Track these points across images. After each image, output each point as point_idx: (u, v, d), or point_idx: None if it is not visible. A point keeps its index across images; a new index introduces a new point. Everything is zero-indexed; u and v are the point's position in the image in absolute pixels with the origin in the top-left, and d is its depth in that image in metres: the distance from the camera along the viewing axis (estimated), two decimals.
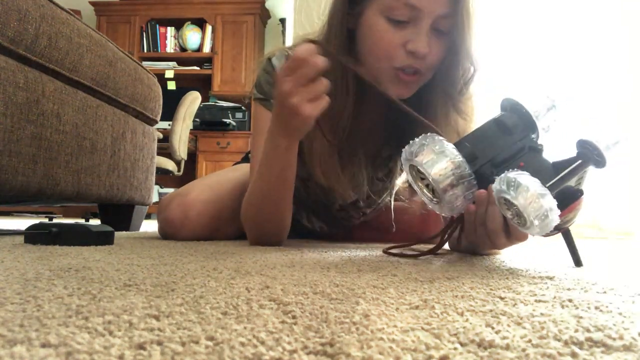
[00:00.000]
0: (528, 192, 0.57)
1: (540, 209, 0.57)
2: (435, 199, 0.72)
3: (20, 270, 0.51)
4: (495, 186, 0.62)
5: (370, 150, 1.05)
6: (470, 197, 0.69)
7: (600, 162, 0.63)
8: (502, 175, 0.61)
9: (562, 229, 0.66)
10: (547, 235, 0.67)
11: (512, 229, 0.67)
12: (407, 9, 0.81)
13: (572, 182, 0.64)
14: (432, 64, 0.86)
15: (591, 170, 0.66)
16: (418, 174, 0.72)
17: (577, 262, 0.68)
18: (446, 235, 0.80)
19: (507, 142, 0.68)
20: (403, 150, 0.71)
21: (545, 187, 0.59)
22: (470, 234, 0.73)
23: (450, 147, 0.67)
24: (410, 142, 0.70)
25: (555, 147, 0.71)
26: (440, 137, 0.69)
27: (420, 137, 0.69)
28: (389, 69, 0.86)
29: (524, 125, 0.69)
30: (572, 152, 0.67)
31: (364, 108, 0.97)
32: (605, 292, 0.47)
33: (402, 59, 0.84)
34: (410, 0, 0.80)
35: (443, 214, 0.75)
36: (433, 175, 0.66)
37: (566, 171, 0.63)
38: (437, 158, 0.67)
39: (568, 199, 0.62)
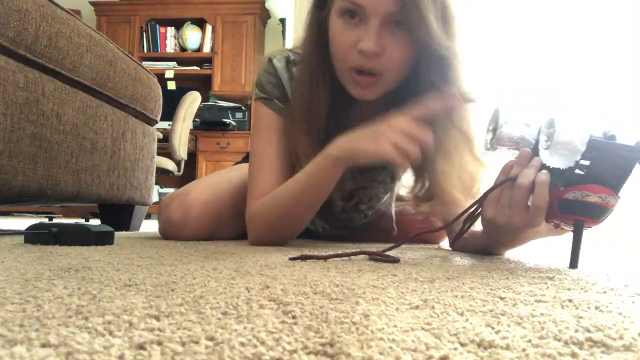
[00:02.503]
0: (574, 121, 0.62)
1: (571, 139, 0.62)
2: (488, 146, 0.76)
3: (20, 270, 0.51)
4: (558, 108, 0.67)
5: None
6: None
7: None
8: (571, 109, 0.64)
9: (578, 220, 0.65)
10: (560, 221, 0.67)
11: (533, 203, 0.67)
12: (355, 8, 0.81)
13: (614, 165, 0.63)
14: (391, 63, 0.84)
15: (637, 170, 0.65)
16: (494, 118, 0.76)
17: (573, 263, 0.67)
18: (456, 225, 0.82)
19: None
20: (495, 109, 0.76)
21: (592, 138, 0.62)
22: (490, 205, 0.73)
23: (536, 122, 0.72)
24: (518, 97, 0.77)
25: None
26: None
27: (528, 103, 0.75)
28: (346, 70, 0.86)
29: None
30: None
31: (352, 111, 0.97)
32: (605, 292, 0.47)
33: (354, 60, 0.83)
34: (355, 0, 0.80)
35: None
36: (503, 126, 0.72)
37: (616, 142, 0.63)
38: (519, 120, 0.72)
39: (592, 178, 0.62)
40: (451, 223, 0.84)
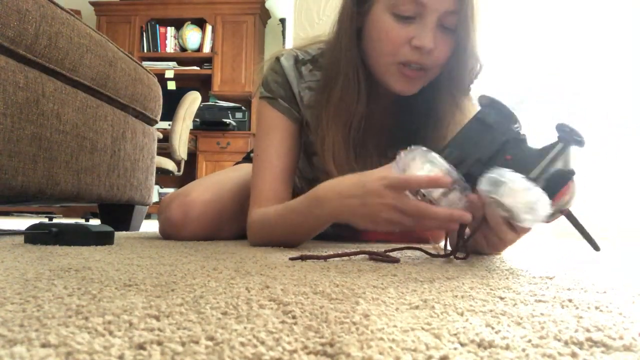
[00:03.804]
0: (513, 189, 0.60)
1: (528, 203, 0.59)
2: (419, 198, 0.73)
3: (20, 270, 0.51)
4: (481, 187, 0.63)
5: (382, 147, 1.05)
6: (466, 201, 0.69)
7: (580, 141, 0.64)
8: (485, 175, 0.62)
9: (564, 211, 0.66)
10: (549, 221, 0.67)
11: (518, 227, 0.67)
12: (412, 4, 0.82)
13: (559, 165, 0.64)
14: (439, 60, 0.86)
15: (575, 151, 0.66)
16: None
17: (594, 246, 0.67)
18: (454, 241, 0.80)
19: (491, 138, 0.69)
20: (393, 164, 0.71)
21: (530, 178, 0.61)
22: (480, 240, 0.73)
23: (436, 157, 0.68)
24: (397, 157, 0.70)
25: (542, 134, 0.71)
26: (424, 149, 0.69)
27: (405, 151, 0.70)
28: (393, 64, 0.87)
29: (503, 119, 0.69)
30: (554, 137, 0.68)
31: (374, 105, 0.97)
32: (605, 292, 0.47)
33: (407, 54, 0.84)
34: None
35: None
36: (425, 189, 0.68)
37: (549, 157, 0.64)
38: (425, 170, 0.68)
39: (558, 183, 0.63)
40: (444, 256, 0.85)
